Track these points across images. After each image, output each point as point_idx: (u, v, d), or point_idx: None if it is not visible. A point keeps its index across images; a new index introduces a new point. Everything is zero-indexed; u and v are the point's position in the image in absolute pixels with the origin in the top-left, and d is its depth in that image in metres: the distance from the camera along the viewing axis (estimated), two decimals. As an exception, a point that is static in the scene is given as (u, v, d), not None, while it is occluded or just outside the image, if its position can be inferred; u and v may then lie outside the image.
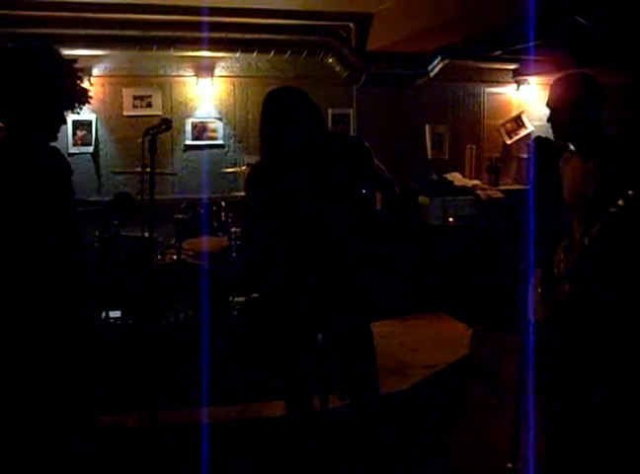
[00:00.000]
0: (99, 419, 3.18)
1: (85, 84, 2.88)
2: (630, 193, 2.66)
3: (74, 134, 6.59)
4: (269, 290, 3.31)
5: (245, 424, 3.99)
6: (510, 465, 3.52)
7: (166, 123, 3.09)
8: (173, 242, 5.41)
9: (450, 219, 7.04)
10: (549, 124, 3.22)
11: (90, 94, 2.89)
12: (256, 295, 4.98)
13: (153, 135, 3.00)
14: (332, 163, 2.99)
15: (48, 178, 2.65)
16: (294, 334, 3.09)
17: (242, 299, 6.17)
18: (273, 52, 6.71)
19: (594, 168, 2.93)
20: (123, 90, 6.75)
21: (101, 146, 6.77)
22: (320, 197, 2.93)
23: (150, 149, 3.00)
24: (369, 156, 3.12)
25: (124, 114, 6.78)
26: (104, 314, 5.19)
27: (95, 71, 6.47)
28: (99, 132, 6.74)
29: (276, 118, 2.98)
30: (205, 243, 5.33)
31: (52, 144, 2.84)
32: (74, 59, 2.83)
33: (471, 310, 6.05)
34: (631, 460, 3.26)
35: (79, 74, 2.84)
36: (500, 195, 7.40)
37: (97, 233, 5.24)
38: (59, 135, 2.84)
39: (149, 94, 6.82)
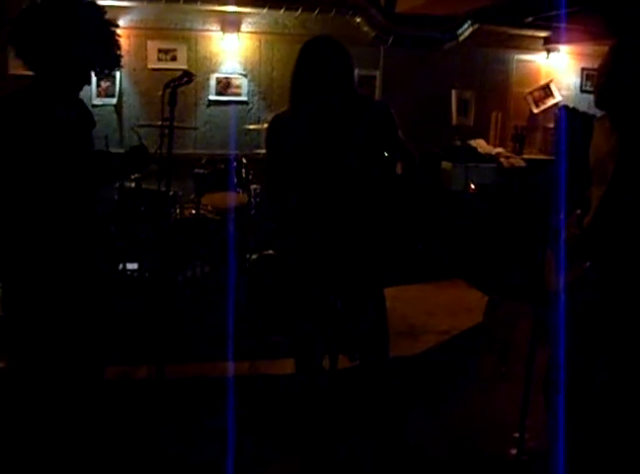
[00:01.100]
0: (109, 368, 3.20)
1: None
2: None
3: (98, 86, 6.58)
4: (283, 247, 3.31)
5: (253, 380, 4.02)
6: (517, 435, 3.54)
7: (188, 76, 3.07)
8: (192, 197, 5.41)
9: (472, 186, 6.98)
10: (576, 95, 3.13)
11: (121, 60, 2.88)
12: (268, 252, 4.98)
13: (174, 88, 2.99)
14: (356, 123, 2.95)
15: (64, 131, 2.64)
16: (307, 293, 3.09)
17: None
18: (300, 10, 6.62)
19: (617, 140, 2.87)
20: (148, 42, 6.71)
21: (124, 98, 6.76)
22: (341, 155, 2.90)
23: (170, 102, 2.99)
24: (394, 125, 3.08)
25: (149, 66, 6.75)
26: (121, 266, 5.23)
27: (120, 22, 6.41)
28: (123, 85, 6.72)
29: (309, 68, 2.94)
30: (226, 199, 5.33)
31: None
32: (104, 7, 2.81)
33: (489, 278, 6.04)
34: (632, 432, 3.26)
35: (118, 38, 2.83)
36: (522, 163, 7.34)
37: (117, 185, 5.25)
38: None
39: (174, 47, 6.77)
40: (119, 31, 2.83)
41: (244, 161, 5.62)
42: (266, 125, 6.28)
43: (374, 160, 2.97)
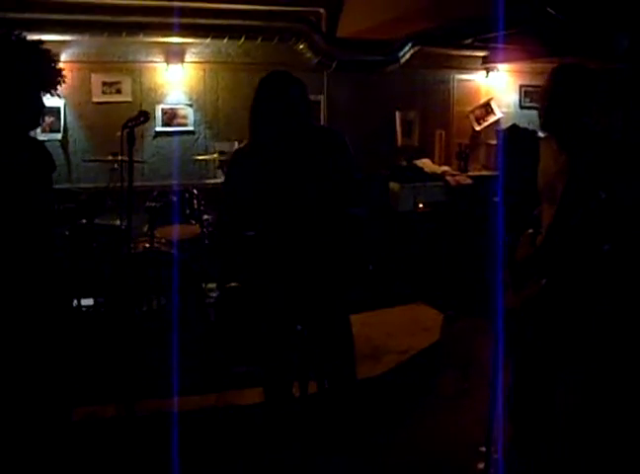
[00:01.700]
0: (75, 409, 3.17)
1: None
2: (602, 195, 2.71)
3: (42, 121, 6.49)
4: (246, 279, 3.33)
5: (222, 412, 4.02)
6: (483, 449, 3.59)
7: (144, 116, 3.09)
8: (145, 230, 5.38)
9: (420, 205, 7.09)
10: (516, 111, 3.26)
11: (63, 73, 2.86)
12: (234, 284, 4.98)
13: (132, 128, 3.00)
14: (314, 155, 3.01)
15: (9, 175, 2.62)
16: (274, 323, 3.12)
17: (214, 286, 6.21)
18: (243, 38, 6.68)
19: (566, 160, 2.97)
20: (92, 76, 6.68)
21: (70, 133, 6.70)
22: (301, 185, 2.95)
23: (129, 141, 2.99)
24: (350, 157, 3.15)
25: (94, 100, 6.71)
26: (76, 302, 5.16)
27: (63, 57, 6.39)
28: (67, 119, 6.67)
29: (267, 102, 2.98)
30: (178, 231, 5.32)
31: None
32: (40, 41, 2.79)
33: (443, 296, 6.12)
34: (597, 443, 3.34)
35: (49, 54, 2.81)
36: (469, 180, 7.48)
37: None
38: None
39: (118, 80, 6.76)
40: (60, 65, 2.82)
41: (195, 192, 5.62)
42: (215, 155, 6.41)
43: (332, 190, 3.03)
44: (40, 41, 2.77)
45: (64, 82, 2.85)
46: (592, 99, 2.94)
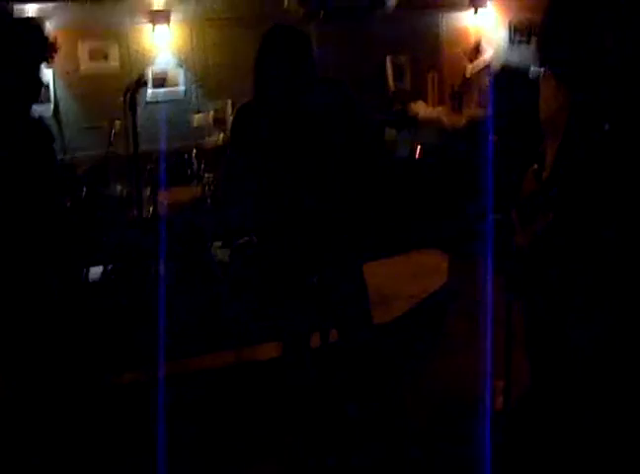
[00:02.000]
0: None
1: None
2: (606, 127, 2.70)
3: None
4: (259, 234, 3.35)
5: (242, 368, 4.08)
6: (501, 383, 3.67)
7: (142, 79, 3.08)
8: (148, 195, 5.38)
9: (418, 151, 7.08)
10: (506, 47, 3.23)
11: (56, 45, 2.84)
12: (246, 239, 5.01)
13: (132, 94, 3.00)
14: (321, 109, 3.01)
15: (24, 152, 2.63)
16: (288, 275, 3.16)
17: (219, 244, 6.24)
18: (228, -8, 6.60)
19: (566, 95, 2.95)
20: (79, 44, 6.60)
21: (61, 103, 6.64)
22: (308, 142, 2.97)
23: (131, 107, 3.00)
24: (354, 108, 3.15)
25: (82, 68, 6.65)
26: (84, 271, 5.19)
27: (47, 26, 6.32)
28: (57, 90, 6.60)
29: (271, 58, 2.96)
30: (182, 193, 5.34)
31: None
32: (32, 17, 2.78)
33: (447, 239, 6.16)
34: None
35: (41, 27, 2.79)
36: (463, 121, 7.45)
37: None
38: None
39: (106, 46, 6.68)
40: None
41: (194, 152, 5.62)
42: (211, 113, 6.38)
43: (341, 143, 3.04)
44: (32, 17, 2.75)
45: (56, 52, 2.83)
46: (590, 26, 2.87)
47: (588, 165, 2.86)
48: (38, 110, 5.45)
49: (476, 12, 7.95)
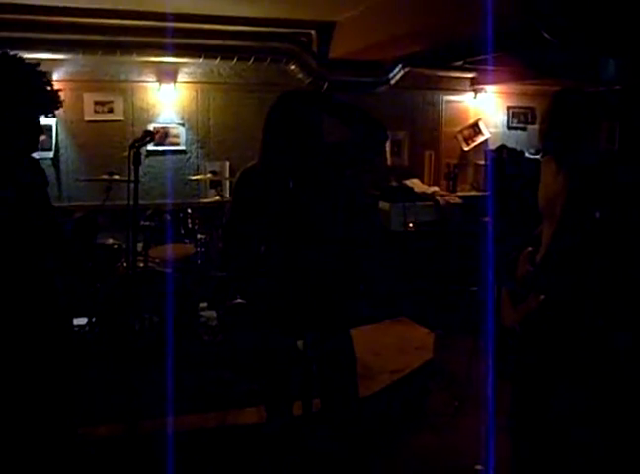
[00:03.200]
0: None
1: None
2: (597, 215, 2.79)
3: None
4: (252, 295, 3.34)
5: (223, 431, 4.02)
6: (480, 467, 3.63)
7: (150, 135, 3.13)
8: (139, 249, 5.39)
9: (410, 225, 7.14)
10: (503, 132, 3.34)
11: (60, 94, 2.86)
12: (239, 301, 5.00)
13: (139, 148, 3.03)
14: (326, 174, 3.04)
15: (24, 193, 2.64)
16: (278, 339, 3.14)
17: (205, 305, 6.22)
18: (236, 59, 6.74)
19: (564, 180, 3.04)
20: (85, 95, 6.70)
21: (62, 152, 6.71)
22: (311, 205, 2.99)
23: (134, 161, 3.03)
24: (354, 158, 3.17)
25: (86, 119, 6.73)
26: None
27: (56, 75, 6.42)
28: (59, 137, 6.68)
29: (279, 124, 2.99)
30: (172, 250, 5.35)
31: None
32: (37, 63, 2.81)
33: (433, 315, 6.16)
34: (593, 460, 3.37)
35: (46, 76, 2.82)
36: (458, 200, 7.55)
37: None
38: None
39: (111, 99, 6.79)
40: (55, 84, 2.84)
41: (189, 211, 5.66)
42: (208, 175, 6.45)
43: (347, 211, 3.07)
44: (38, 64, 2.79)
45: (61, 105, 2.85)
46: (591, 123, 3.02)
47: (579, 251, 2.92)
48: (37, 156, 5.51)
49: (476, 96, 8.15)
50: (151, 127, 6.87)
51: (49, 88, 2.78)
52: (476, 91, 8.12)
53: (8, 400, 2.62)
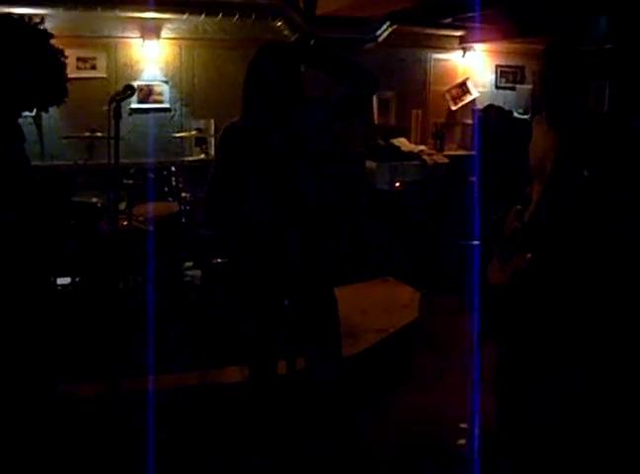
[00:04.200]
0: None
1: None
2: (585, 173, 2.77)
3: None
4: (235, 253, 3.31)
5: (205, 390, 4.01)
6: (464, 425, 3.65)
7: (130, 89, 3.07)
8: (123, 208, 5.33)
9: (397, 184, 7.10)
10: (492, 91, 3.30)
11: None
12: (219, 260, 4.97)
13: (119, 102, 2.97)
14: (310, 130, 2.99)
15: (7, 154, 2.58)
16: (260, 297, 3.11)
17: (190, 264, 6.19)
18: (221, 15, 6.61)
19: (555, 137, 3.01)
20: (67, 51, 6.52)
21: (43, 109, 6.57)
22: (293, 163, 2.95)
23: (115, 116, 2.97)
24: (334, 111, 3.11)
25: (68, 76, 6.57)
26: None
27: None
28: (41, 95, 6.54)
29: (262, 76, 2.93)
30: (156, 209, 5.29)
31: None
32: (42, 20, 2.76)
33: (419, 274, 6.15)
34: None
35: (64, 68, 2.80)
36: (445, 160, 7.51)
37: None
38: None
39: (93, 56, 6.64)
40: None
41: (173, 169, 5.59)
42: (193, 132, 6.37)
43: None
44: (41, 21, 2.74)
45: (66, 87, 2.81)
46: (580, 80, 2.98)
47: (568, 209, 2.90)
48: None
49: (464, 54, 8.05)
50: (135, 84, 6.75)
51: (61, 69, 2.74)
52: (465, 49, 8.03)
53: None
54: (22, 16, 2.69)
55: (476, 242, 4.12)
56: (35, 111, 2.84)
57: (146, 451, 3.06)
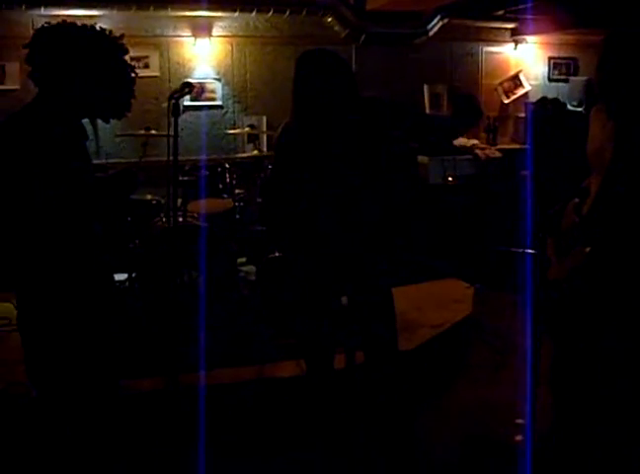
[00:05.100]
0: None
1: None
2: None
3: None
4: (293, 250, 3.32)
5: (263, 385, 4.04)
6: (521, 421, 3.60)
7: (189, 87, 3.10)
8: (178, 205, 5.38)
9: (450, 178, 7.05)
10: (545, 84, 3.24)
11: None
12: (276, 255, 4.99)
13: (177, 99, 3.00)
14: (362, 129, 2.98)
15: (60, 149, 2.62)
16: (317, 292, 3.12)
17: (244, 260, 6.23)
18: (271, 11, 6.64)
19: (613, 128, 2.94)
20: (120, 51, 6.65)
21: (98, 108, 6.68)
22: (347, 162, 2.94)
23: (174, 113, 3.00)
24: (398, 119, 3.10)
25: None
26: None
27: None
28: (96, 94, 6.65)
29: (311, 80, 2.92)
30: (210, 205, 5.34)
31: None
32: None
33: (473, 270, 6.10)
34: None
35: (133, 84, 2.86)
36: (498, 154, 7.44)
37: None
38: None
39: (146, 55, 6.74)
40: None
41: (227, 166, 5.64)
42: (246, 129, 6.42)
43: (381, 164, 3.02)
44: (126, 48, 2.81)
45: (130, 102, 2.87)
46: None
47: (628, 202, 2.84)
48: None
49: (516, 47, 7.96)
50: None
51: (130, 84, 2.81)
52: (516, 42, 7.94)
53: (54, 354, 2.64)
54: (104, 30, 2.72)
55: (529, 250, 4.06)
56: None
57: (202, 446, 3.09)
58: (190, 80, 6.55)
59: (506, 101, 8.04)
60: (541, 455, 3.33)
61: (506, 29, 7.79)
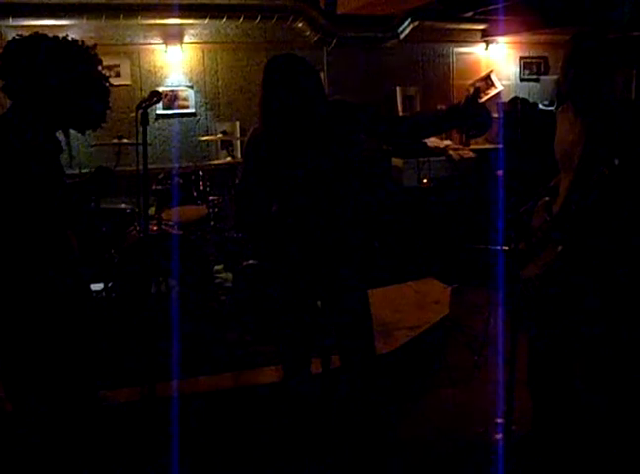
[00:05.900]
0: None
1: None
2: (616, 162, 2.72)
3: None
4: (267, 255, 3.31)
5: (241, 391, 4.03)
6: (500, 420, 3.62)
7: (157, 95, 3.08)
8: (152, 213, 5.37)
9: (424, 180, 7.08)
10: (516, 83, 3.25)
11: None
12: (252, 262, 4.98)
13: (146, 108, 2.98)
14: (331, 132, 2.97)
15: (36, 158, 2.61)
16: (292, 298, 3.11)
17: (221, 267, 6.22)
18: (242, 18, 6.65)
19: (581, 128, 2.97)
20: (91, 60, 6.62)
21: (70, 117, 6.64)
22: (316, 166, 2.93)
23: (143, 122, 2.98)
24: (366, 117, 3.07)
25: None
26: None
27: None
28: (68, 104, 6.61)
29: (278, 86, 2.90)
30: (185, 212, 5.33)
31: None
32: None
33: (450, 270, 6.13)
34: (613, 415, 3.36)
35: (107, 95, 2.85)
36: (472, 154, 7.47)
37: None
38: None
39: (117, 63, 6.71)
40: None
41: (200, 173, 5.62)
42: (219, 136, 6.41)
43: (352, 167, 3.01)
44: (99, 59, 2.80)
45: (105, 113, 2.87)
46: (608, 67, 2.94)
47: (598, 199, 2.87)
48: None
49: (487, 47, 8.02)
50: (159, 90, 6.79)
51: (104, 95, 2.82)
52: (487, 42, 8.00)
53: (29, 367, 2.62)
54: (76, 40, 2.71)
55: (500, 247, 4.08)
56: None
57: (180, 454, 3.08)
58: (162, 88, 6.70)
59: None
60: (521, 453, 3.35)
61: (476, 30, 7.85)
